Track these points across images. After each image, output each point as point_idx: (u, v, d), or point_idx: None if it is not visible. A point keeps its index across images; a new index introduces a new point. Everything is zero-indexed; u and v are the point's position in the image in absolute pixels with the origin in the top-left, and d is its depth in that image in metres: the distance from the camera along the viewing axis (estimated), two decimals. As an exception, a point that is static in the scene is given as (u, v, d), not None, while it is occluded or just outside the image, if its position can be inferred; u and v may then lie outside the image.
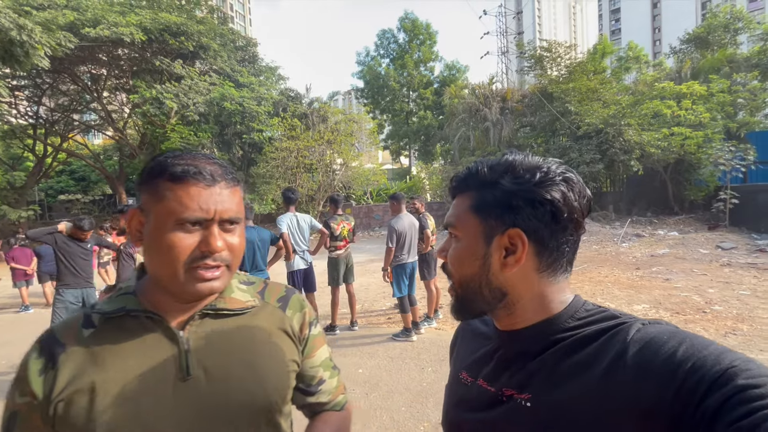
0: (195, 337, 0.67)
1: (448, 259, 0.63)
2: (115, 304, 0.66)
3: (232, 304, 0.71)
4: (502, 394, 0.58)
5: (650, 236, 11.40)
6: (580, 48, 27.80)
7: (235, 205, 0.67)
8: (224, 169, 0.67)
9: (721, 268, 7.47)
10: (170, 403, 0.63)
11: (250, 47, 21.83)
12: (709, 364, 0.42)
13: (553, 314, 0.57)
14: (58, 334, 0.66)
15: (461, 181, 0.64)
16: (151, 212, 0.64)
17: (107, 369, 0.62)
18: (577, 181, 0.57)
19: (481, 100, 18.18)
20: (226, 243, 0.65)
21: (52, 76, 17.21)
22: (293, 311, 0.78)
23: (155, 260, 0.64)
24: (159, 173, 0.64)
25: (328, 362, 0.83)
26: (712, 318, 4.83)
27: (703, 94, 13.76)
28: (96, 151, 23.40)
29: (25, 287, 7.22)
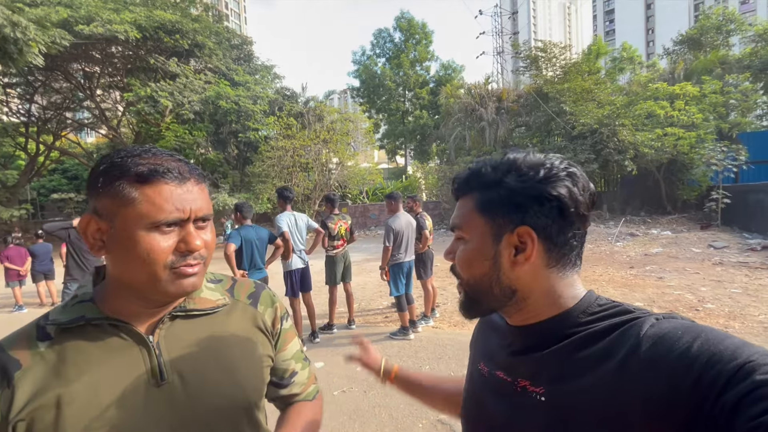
0: (166, 340, 0.65)
1: (456, 260, 0.63)
2: (71, 314, 0.62)
3: (202, 304, 0.69)
4: (517, 384, 0.59)
5: (644, 235, 11.52)
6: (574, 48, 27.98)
7: (206, 201, 0.65)
8: (189, 166, 0.65)
9: (713, 266, 7.56)
10: (145, 410, 0.60)
11: (246, 46, 21.70)
12: (726, 359, 0.42)
13: (565, 309, 0.57)
14: (9, 350, 0.60)
15: (463, 182, 0.64)
16: (116, 217, 0.59)
17: (72, 381, 0.58)
18: (580, 175, 0.57)
19: (477, 100, 18.25)
20: (203, 241, 0.64)
21: (45, 73, 17.01)
22: (264, 306, 0.77)
23: (129, 267, 0.60)
24: (120, 174, 0.59)
25: (300, 354, 0.83)
26: (704, 316, 4.91)
27: (696, 95, 13.92)
28: (89, 150, 23.17)
29: (18, 287, 7.15)
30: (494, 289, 0.59)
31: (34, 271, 7.28)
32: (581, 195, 0.56)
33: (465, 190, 0.64)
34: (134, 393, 0.60)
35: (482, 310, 0.65)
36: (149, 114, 15.93)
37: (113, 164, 0.60)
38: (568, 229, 0.56)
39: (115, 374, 0.60)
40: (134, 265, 0.59)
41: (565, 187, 0.55)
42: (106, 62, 17.70)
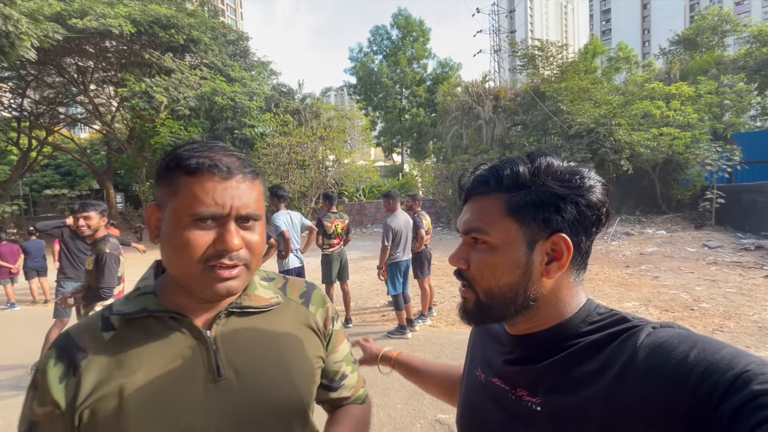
0: (222, 336, 0.64)
1: (474, 267, 0.58)
2: (134, 305, 0.63)
3: (256, 302, 0.69)
4: (514, 393, 0.58)
5: (639, 235, 11.59)
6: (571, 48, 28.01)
7: (253, 200, 0.63)
8: (242, 162, 0.63)
9: (708, 266, 7.62)
10: (202, 404, 0.60)
11: (242, 41, 21.54)
12: (722, 369, 0.42)
13: (567, 318, 0.56)
14: (77, 338, 0.62)
15: (485, 181, 0.59)
16: (166, 207, 0.61)
17: (134, 372, 0.59)
18: (605, 185, 0.58)
19: (474, 98, 18.23)
20: (245, 241, 0.61)
21: (38, 67, 16.78)
22: (316, 307, 0.77)
23: (172, 258, 0.61)
24: (174, 166, 0.60)
25: (350, 357, 0.82)
26: (699, 315, 4.94)
27: (692, 95, 14.01)
28: (83, 145, 22.94)
29: (10, 285, 7.06)
30: (518, 299, 0.56)
31: (26, 268, 7.19)
32: (607, 204, 0.57)
33: (484, 191, 0.59)
34: (192, 387, 0.60)
35: (493, 319, 0.60)
36: (144, 110, 15.77)
37: (173, 156, 0.61)
38: (593, 237, 0.57)
39: (175, 367, 0.61)
40: (173, 256, 0.60)
41: (603, 195, 0.56)
42: (100, 57, 17.48)
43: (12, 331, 5.63)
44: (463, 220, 0.61)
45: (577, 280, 0.58)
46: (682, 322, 4.70)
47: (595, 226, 0.56)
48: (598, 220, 0.55)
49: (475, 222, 0.59)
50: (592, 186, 0.55)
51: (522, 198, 0.55)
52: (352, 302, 6.10)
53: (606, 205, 0.56)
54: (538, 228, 0.55)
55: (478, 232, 0.58)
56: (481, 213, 0.59)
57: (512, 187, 0.57)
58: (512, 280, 0.56)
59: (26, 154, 19.31)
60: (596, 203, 0.55)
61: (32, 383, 0.60)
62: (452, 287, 6.96)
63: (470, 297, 0.60)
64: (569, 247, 0.54)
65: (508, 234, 0.56)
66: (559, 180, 0.55)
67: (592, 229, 0.56)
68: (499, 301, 0.57)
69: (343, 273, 5.08)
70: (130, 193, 24.60)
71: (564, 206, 0.54)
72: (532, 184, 0.56)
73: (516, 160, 0.58)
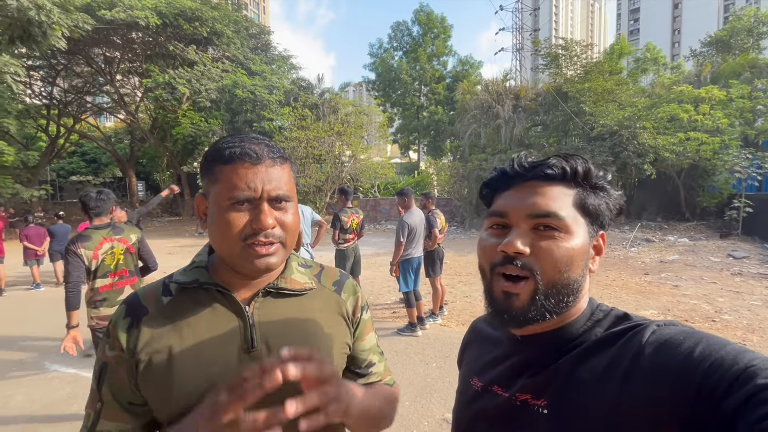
0: (258, 312, 0.71)
1: (548, 255, 0.54)
2: (190, 276, 0.71)
3: (292, 285, 0.75)
4: (515, 399, 0.56)
5: (660, 242, 11.26)
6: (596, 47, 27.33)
7: (283, 183, 0.68)
8: (270, 148, 0.69)
9: (732, 277, 7.35)
10: (235, 371, 0.66)
11: (264, 35, 21.74)
12: (727, 364, 0.42)
13: (575, 317, 0.57)
14: (142, 299, 0.71)
15: (556, 168, 0.57)
16: (209, 195, 0.68)
17: (183, 335, 0.67)
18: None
19: (494, 97, 17.97)
20: (278, 220, 0.67)
21: (67, 57, 17.32)
22: (348, 295, 0.82)
23: (217, 239, 0.68)
24: (214, 158, 0.67)
25: (377, 347, 0.87)
26: (721, 327, 4.77)
27: (722, 99, 13.47)
28: (107, 134, 23.60)
29: (36, 266, 7.33)
30: (576, 293, 0.56)
31: (51, 250, 7.45)
32: None
33: (554, 178, 0.57)
34: (229, 355, 0.67)
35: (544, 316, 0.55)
36: (166, 100, 16.11)
37: (212, 149, 0.69)
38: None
39: (216, 335, 0.68)
40: (218, 236, 0.67)
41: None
42: (127, 48, 17.93)
43: (36, 311, 5.85)
44: (530, 203, 0.56)
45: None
46: (702, 334, 4.55)
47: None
48: (616, 221, 0.62)
49: (551, 206, 0.55)
50: (616, 191, 0.62)
51: (591, 196, 0.59)
52: (364, 298, 6.11)
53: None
54: (595, 225, 0.59)
55: (554, 218, 0.55)
56: (554, 199, 0.56)
57: (581, 182, 0.59)
58: (579, 272, 0.56)
59: (54, 141, 19.99)
60: (622, 209, 0.62)
61: (105, 332, 0.71)
62: (464, 287, 6.91)
63: (525, 291, 0.54)
64: (605, 242, 0.61)
65: (580, 226, 0.57)
66: (608, 185, 0.61)
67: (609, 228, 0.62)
68: (560, 292, 0.54)
69: (356, 268, 5.09)
70: (151, 182, 25.21)
71: (615, 208, 0.61)
72: (602, 189, 0.60)
73: (581, 157, 0.60)
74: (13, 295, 6.89)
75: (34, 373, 3.74)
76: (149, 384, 0.66)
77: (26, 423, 2.92)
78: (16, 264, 7.70)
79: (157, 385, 0.66)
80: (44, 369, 3.85)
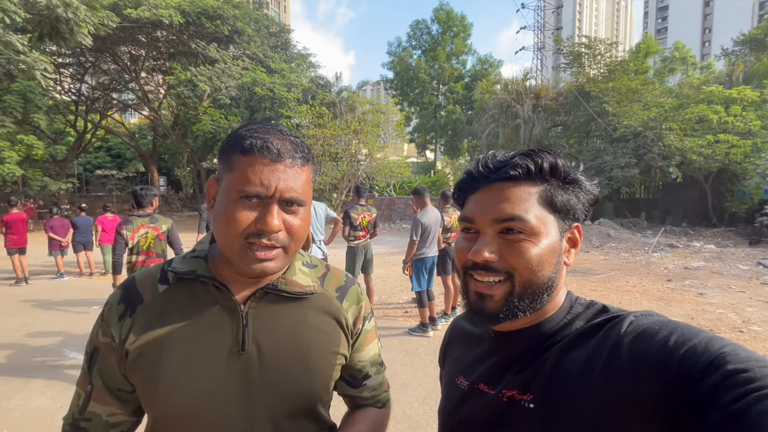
0: (254, 313, 0.68)
1: (518, 258, 0.55)
2: (187, 266, 0.68)
3: (292, 287, 0.71)
4: (502, 396, 0.57)
5: (685, 247, 10.85)
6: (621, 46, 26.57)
7: (300, 185, 0.64)
8: (294, 146, 0.65)
9: (762, 286, 7.02)
10: (224, 372, 0.64)
11: (284, 34, 21.97)
12: (699, 351, 0.43)
13: (554, 312, 0.58)
14: (139, 285, 0.69)
15: (520, 167, 0.56)
16: (221, 181, 0.65)
17: (175, 329, 0.65)
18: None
19: (514, 96, 17.69)
20: (286, 224, 0.63)
21: (95, 55, 17.89)
22: (350, 303, 0.77)
23: (219, 229, 0.64)
24: (233, 145, 0.63)
25: (377, 358, 0.82)
26: (749, 338, 4.54)
27: (755, 100, 12.89)
28: (132, 130, 24.31)
29: (60, 256, 7.58)
30: (550, 289, 0.57)
31: (74, 241, 7.69)
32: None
33: (518, 177, 0.56)
34: (218, 354, 0.65)
35: (518, 314, 0.56)
36: (188, 97, 16.46)
37: (234, 134, 0.65)
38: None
39: (208, 332, 0.65)
40: (220, 226, 0.63)
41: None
42: (151, 46, 18.39)
43: (59, 299, 6.04)
44: (494, 209, 0.56)
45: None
46: (728, 345, 4.34)
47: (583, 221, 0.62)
48: (592, 213, 0.61)
49: (515, 210, 0.55)
50: (591, 182, 0.61)
51: (561, 190, 0.57)
52: (376, 296, 6.09)
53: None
54: (566, 218, 0.58)
55: (519, 222, 0.55)
56: (519, 201, 0.56)
57: (548, 177, 0.57)
58: (551, 270, 0.56)
59: (82, 136, 20.70)
60: (598, 197, 0.62)
61: (101, 314, 0.69)
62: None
63: (499, 292, 0.56)
64: (581, 234, 0.60)
65: (547, 224, 0.56)
66: (585, 176, 0.60)
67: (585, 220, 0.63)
68: (534, 291, 0.56)
69: (368, 266, 5.06)
70: (172, 177, 25.84)
71: (589, 201, 0.60)
72: (574, 181, 0.58)
73: (547, 152, 0.58)
74: (38, 284, 7.14)
75: (54, 360, 3.86)
76: (136, 376, 0.65)
77: (44, 407, 3.00)
78: (41, 254, 7.98)
79: (144, 378, 0.64)
80: (64, 356, 3.96)
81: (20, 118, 14.07)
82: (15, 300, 6.00)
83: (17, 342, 4.29)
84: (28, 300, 5.99)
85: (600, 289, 6.78)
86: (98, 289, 6.71)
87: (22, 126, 14.74)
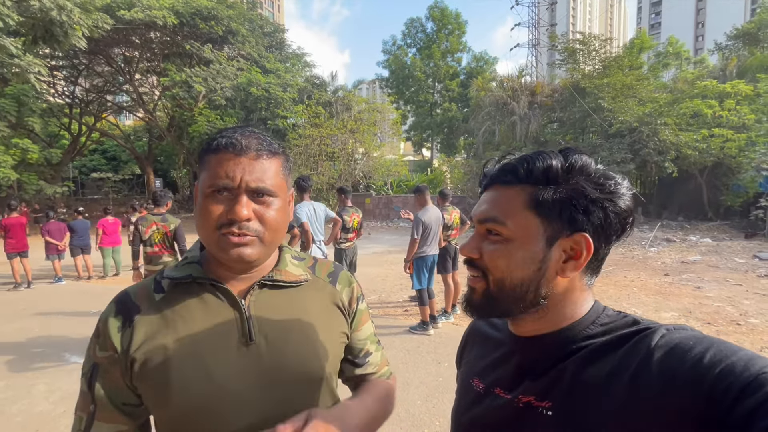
0: (255, 305, 0.70)
1: (487, 257, 0.57)
2: (182, 272, 0.70)
3: (287, 277, 0.74)
4: (518, 401, 0.56)
5: (681, 242, 10.93)
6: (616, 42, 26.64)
7: (268, 176, 0.66)
8: (259, 140, 0.68)
9: (758, 279, 7.08)
10: (235, 364, 0.66)
11: (278, 33, 21.90)
12: (738, 370, 0.41)
13: (576, 320, 0.56)
14: (134, 297, 0.70)
15: (513, 171, 0.57)
16: (199, 182, 0.68)
17: (178, 331, 0.66)
18: (635, 194, 0.57)
19: (509, 93, 17.71)
20: (257, 213, 0.66)
21: (89, 57, 17.76)
22: (342, 286, 0.81)
23: (197, 226, 0.68)
24: (206, 148, 0.68)
25: (373, 337, 0.86)
26: (746, 331, 4.59)
27: (749, 94, 12.97)
28: (127, 132, 24.16)
29: (58, 260, 7.54)
30: (528, 295, 0.55)
31: (72, 245, 7.65)
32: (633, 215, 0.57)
33: (511, 180, 0.57)
34: (227, 349, 0.66)
35: (498, 313, 0.59)
36: (183, 99, 16.39)
37: (207, 140, 0.69)
38: (612, 244, 0.56)
39: (213, 330, 0.67)
40: (198, 223, 0.67)
41: (631, 202, 0.56)
42: (145, 47, 18.28)
43: (58, 304, 6.02)
44: (479, 210, 0.59)
45: (589, 284, 0.58)
46: (726, 337, 4.38)
47: (617, 235, 0.55)
48: (622, 228, 0.55)
49: (492, 212, 0.57)
50: (624, 193, 0.55)
51: (550, 194, 0.54)
52: (375, 295, 6.10)
53: (632, 215, 0.56)
54: (561, 225, 0.54)
55: (494, 223, 0.56)
56: (501, 204, 0.57)
57: (541, 180, 0.55)
58: (525, 275, 0.55)
59: (76, 138, 20.57)
60: (625, 211, 0.54)
61: (95, 332, 0.69)
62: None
63: (479, 287, 0.58)
64: (590, 247, 0.53)
65: (527, 228, 0.55)
66: (593, 182, 0.54)
67: (613, 236, 0.55)
68: (509, 294, 0.56)
69: (352, 267, 5.10)
70: (168, 179, 25.72)
71: (593, 209, 0.53)
72: (564, 181, 0.54)
73: (549, 154, 0.56)
74: (36, 288, 7.10)
75: (55, 365, 3.85)
76: (146, 383, 0.65)
77: (47, 412, 2.99)
78: (38, 258, 7.93)
79: (154, 384, 0.64)
80: (65, 360, 3.96)
81: (14, 121, 13.96)
82: (13, 305, 5.98)
83: (18, 347, 4.28)
84: (27, 305, 5.96)
85: (598, 285, 6.83)
86: (97, 292, 6.69)
87: (17, 130, 14.62)
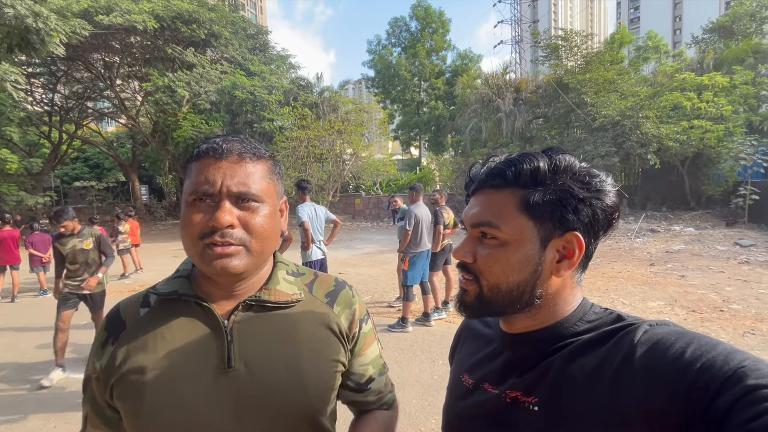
0: (238, 328, 0.65)
1: (482, 262, 0.57)
2: (170, 287, 0.67)
3: (276, 297, 0.68)
4: (505, 396, 0.57)
5: (665, 232, 11.18)
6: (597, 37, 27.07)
7: (252, 180, 0.63)
8: (243, 145, 0.65)
9: (740, 265, 7.30)
10: (211, 392, 0.62)
11: (262, 35, 21.69)
12: (718, 365, 0.42)
13: (565, 317, 0.57)
14: (122, 312, 0.68)
15: (500, 174, 0.57)
16: (182, 192, 0.66)
17: (157, 352, 0.63)
18: (619, 191, 0.59)
19: (494, 91, 17.88)
20: (242, 220, 0.62)
21: (67, 63, 17.35)
22: (341, 308, 0.74)
23: (182, 237, 0.64)
24: (189, 157, 0.66)
25: (378, 360, 0.80)
26: (729, 317, 4.73)
27: (726, 85, 13.31)
28: (109, 139, 23.68)
29: (43, 273, 7.38)
30: (524, 296, 0.56)
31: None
32: (619, 210, 0.59)
33: (500, 183, 0.57)
34: (204, 375, 0.62)
35: (492, 313, 0.60)
36: (167, 104, 16.12)
37: (194, 148, 0.67)
38: (600, 239, 0.57)
39: (191, 353, 0.63)
40: (182, 234, 0.63)
41: (616, 198, 0.57)
42: (125, 52, 17.93)
43: (45, 317, 5.89)
44: (471, 213, 0.59)
45: (579, 280, 0.59)
46: (710, 324, 4.52)
47: (604, 230, 0.57)
48: (608, 223, 0.56)
49: (486, 216, 0.57)
50: (610, 190, 0.56)
51: (541, 196, 0.55)
52: (368, 296, 6.12)
53: (618, 210, 0.57)
54: (553, 226, 0.55)
55: (489, 227, 0.57)
56: (493, 207, 0.57)
57: (530, 183, 0.55)
58: (522, 278, 0.55)
59: (57, 147, 20.08)
60: (611, 207, 0.56)
61: (93, 342, 0.68)
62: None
63: (471, 289, 0.59)
64: (581, 246, 0.54)
65: (522, 231, 0.55)
66: (579, 181, 0.55)
67: (600, 232, 0.56)
68: (504, 297, 0.57)
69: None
70: (154, 185, 25.30)
71: (581, 207, 0.54)
72: (551, 182, 0.55)
73: (534, 156, 0.56)
74: (22, 301, 6.94)
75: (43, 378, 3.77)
76: (120, 403, 0.63)
77: (40, 425, 2.94)
78: (23, 271, 7.74)
79: (128, 407, 0.62)
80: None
81: (-9, 131, 13.58)
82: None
83: (6, 362, 4.18)
84: (12, 318, 5.83)
85: (587, 277, 6.93)
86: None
87: (-6, 140, 14.23)
